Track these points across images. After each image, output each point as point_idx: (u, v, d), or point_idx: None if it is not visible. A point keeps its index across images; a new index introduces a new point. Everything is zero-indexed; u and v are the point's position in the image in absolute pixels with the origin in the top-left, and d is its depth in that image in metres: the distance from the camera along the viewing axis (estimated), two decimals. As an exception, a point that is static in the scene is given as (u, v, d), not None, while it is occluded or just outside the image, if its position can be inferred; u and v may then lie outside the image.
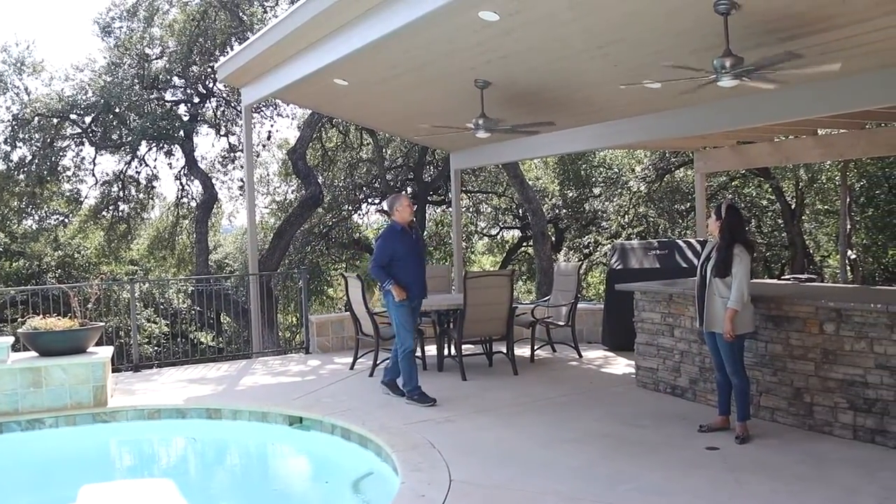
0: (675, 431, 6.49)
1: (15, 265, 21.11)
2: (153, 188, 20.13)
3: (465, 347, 9.02)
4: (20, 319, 9.00)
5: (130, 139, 17.63)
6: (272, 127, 37.26)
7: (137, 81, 17.42)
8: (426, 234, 22.14)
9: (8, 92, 17.46)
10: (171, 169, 19.92)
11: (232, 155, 20.15)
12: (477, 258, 27.74)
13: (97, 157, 18.90)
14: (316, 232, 21.68)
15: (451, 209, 16.73)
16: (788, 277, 13.96)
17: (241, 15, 17.62)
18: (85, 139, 18.28)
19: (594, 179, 22.15)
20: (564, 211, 22.53)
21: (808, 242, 21.08)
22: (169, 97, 18.83)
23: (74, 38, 77.89)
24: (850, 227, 17.87)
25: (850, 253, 17.92)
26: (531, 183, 21.04)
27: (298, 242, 20.75)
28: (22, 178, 17.88)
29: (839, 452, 5.77)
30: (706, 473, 5.42)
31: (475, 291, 8.62)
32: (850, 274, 17.90)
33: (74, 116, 17.76)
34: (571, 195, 22.26)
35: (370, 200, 22.86)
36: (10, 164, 17.54)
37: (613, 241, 19.01)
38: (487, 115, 8.72)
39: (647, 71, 7.19)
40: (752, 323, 6.31)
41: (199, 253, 18.91)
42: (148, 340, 20.47)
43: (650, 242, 11.09)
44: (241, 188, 20.47)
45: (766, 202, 21.34)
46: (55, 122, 17.59)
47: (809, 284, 10.20)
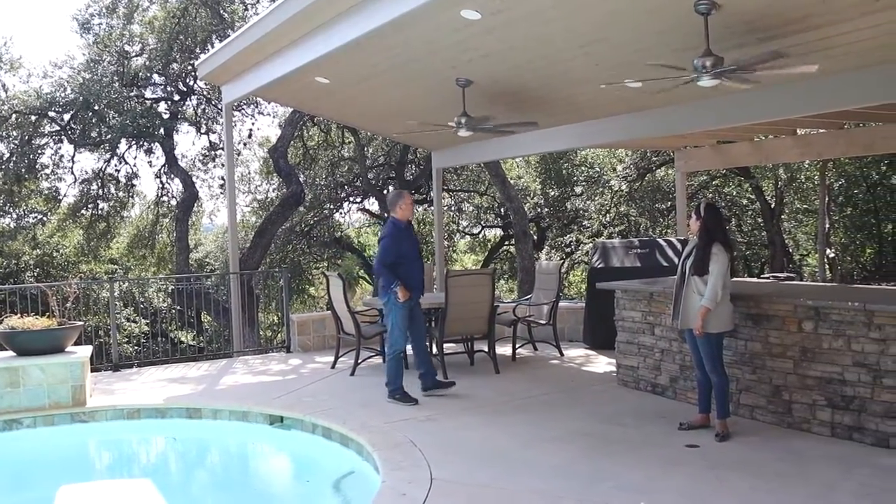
0: (655, 429, 6.52)
1: (-8, 264, 20.91)
2: (133, 186, 20.02)
3: (446, 346, 9.03)
4: (-3, 319, 8.90)
5: (110, 137, 17.50)
6: (253, 125, 37.18)
7: (117, 79, 17.30)
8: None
9: (-15, 89, 17.33)
10: (151, 167, 19.85)
11: (213, 153, 20.04)
12: (459, 257, 27.76)
13: (76, 154, 18.81)
14: (297, 230, 21.62)
15: (432, 208, 16.74)
16: (768, 276, 14.06)
17: (221, 12, 17.53)
18: (64, 137, 18.14)
19: (576, 178, 22.22)
20: (546, 210, 22.59)
21: (787, 241, 21.25)
22: (149, 95, 18.72)
23: (53, 34, 77.20)
24: (828, 226, 18.04)
25: (828, 252, 18.09)
26: (513, 182, 21.08)
27: (280, 241, 20.69)
28: (-1, 175, 17.73)
29: (817, 449, 5.82)
30: (686, 471, 5.45)
31: (457, 290, 8.62)
32: (828, 273, 18.07)
33: (53, 114, 17.61)
34: (553, 194, 22.31)
35: (351, 199, 22.84)
36: (-13, 161, 17.39)
37: (595, 239, 19.08)
38: (469, 113, 8.71)
39: (628, 70, 7.20)
40: (731, 321, 6.35)
41: (179, 252, 18.81)
42: (128, 340, 20.32)
43: (631, 241, 11.13)
44: (221, 186, 20.39)
45: (746, 201, 21.50)
46: (33, 119, 17.43)
47: (788, 283, 10.26)
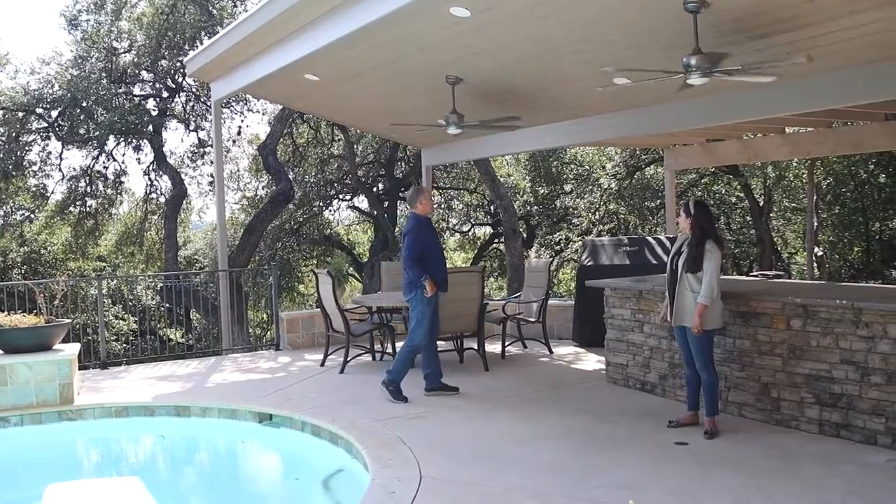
0: (644, 427, 6.53)
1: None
2: (121, 183, 19.94)
3: (435, 344, 9.00)
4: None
5: (98, 134, 17.41)
6: (242, 122, 36.93)
7: (105, 75, 17.21)
8: (398, 230, 22.10)
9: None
10: (139, 164, 19.76)
11: (201, 150, 19.96)
12: (448, 255, 27.75)
13: (64, 151, 18.68)
14: (287, 228, 21.57)
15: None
16: (756, 274, 14.10)
17: (210, 9, 17.46)
18: (51, 133, 18.03)
19: (565, 176, 22.24)
20: (536, 208, 22.61)
21: (775, 239, 21.34)
22: (137, 91, 18.62)
23: (40, 30, 76.78)
24: (816, 224, 18.11)
25: (816, 250, 18.16)
26: (503, 180, 21.09)
27: (269, 239, 20.64)
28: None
29: (805, 447, 5.84)
30: (675, 468, 5.46)
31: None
32: (816, 270, 18.15)
33: (40, 110, 17.51)
34: (543, 192, 22.33)
35: (341, 197, 22.79)
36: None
37: (584, 237, 19.12)
38: (459, 111, 8.71)
39: (618, 69, 7.21)
40: (721, 319, 6.37)
41: (168, 249, 18.74)
42: (116, 337, 20.25)
43: (620, 239, 11.15)
44: (210, 184, 20.31)
45: (734, 199, 21.57)
46: (20, 115, 17.33)
47: (777, 281, 10.31)
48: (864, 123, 10.16)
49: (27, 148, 17.98)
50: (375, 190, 21.77)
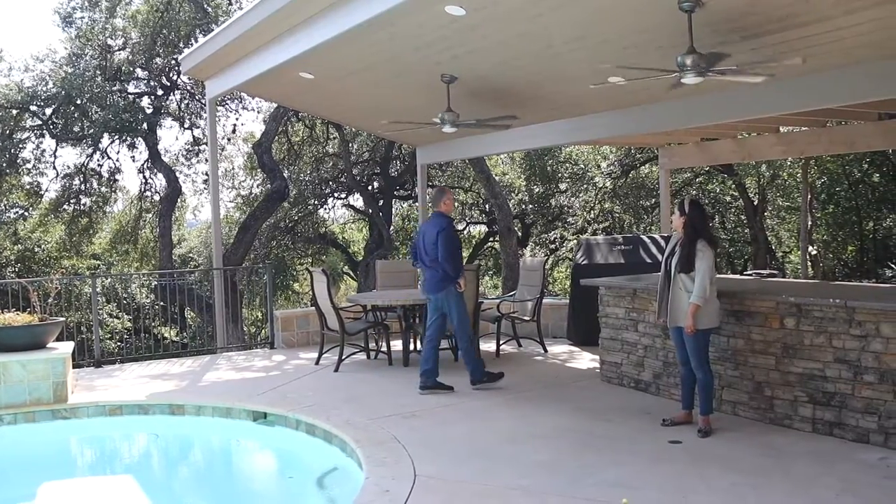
0: (638, 425, 6.54)
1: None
2: (116, 181, 19.88)
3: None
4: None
5: (92, 131, 17.37)
6: (237, 120, 37.06)
7: (99, 73, 17.16)
8: (393, 229, 22.11)
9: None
10: (134, 162, 19.75)
11: (196, 148, 19.93)
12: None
13: (58, 149, 18.63)
14: (281, 226, 21.53)
15: (417, 204, 16.73)
16: (751, 273, 14.12)
17: (205, 6, 17.42)
18: (45, 131, 17.98)
19: (560, 175, 22.25)
20: (531, 206, 22.61)
21: (770, 238, 21.38)
22: (132, 89, 18.58)
23: (34, 27, 76.56)
24: (810, 223, 18.15)
25: (810, 249, 18.21)
26: (497, 178, 21.09)
27: (264, 237, 20.60)
28: (-21, 170, 17.56)
29: (799, 445, 5.86)
30: (669, 467, 5.47)
31: (441, 286, 8.60)
32: (810, 270, 18.19)
33: (34, 108, 17.45)
34: (538, 191, 22.34)
35: (336, 195, 22.76)
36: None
37: (579, 236, 19.14)
38: (454, 109, 8.72)
39: (613, 68, 7.22)
40: (717, 318, 6.37)
41: (162, 247, 18.70)
42: (110, 336, 20.22)
43: (615, 238, 11.16)
44: (205, 182, 20.27)
45: (729, 198, 21.61)
46: (14, 113, 17.27)
47: (771, 280, 10.32)
48: (857, 123, 10.19)
49: (21, 146, 17.92)
50: (370, 188, 21.75)
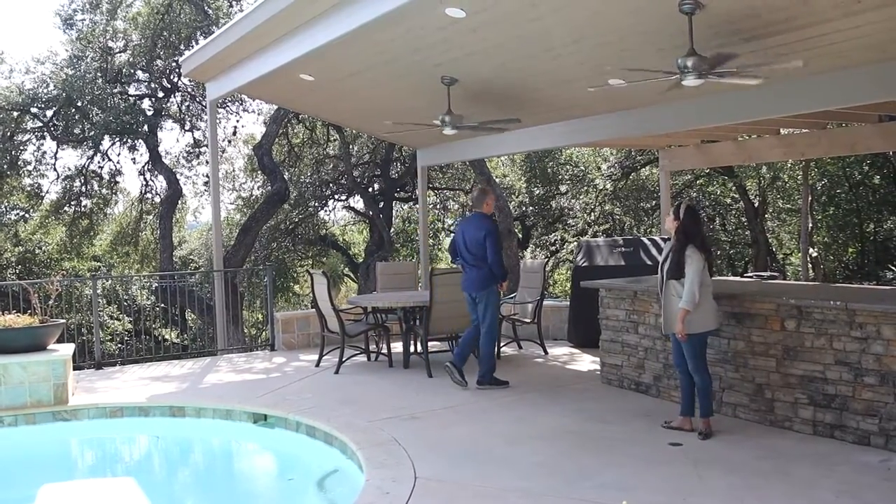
0: (638, 427, 6.54)
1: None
2: (116, 183, 19.88)
3: (431, 344, 9.01)
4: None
5: (93, 133, 17.36)
6: (238, 122, 37.11)
7: (100, 75, 17.17)
8: (393, 231, 22.10)
9: (-35, 84, 17.16)
10: (134, 164, 19.80)
11: (197, 150, 19.92)
12: (444, 255, 27.72)
13: (59, 151, 18.64)
14: (282, 228, 21.53)
15: (417, 206, 16.72)
16: (751, 275, 14.13)
17: (206, 9, 17.43)
18: (46, 133, 17.99)
19: (561, 177, 22.25)
20: (531, 208, 22.61)
21: (770, 240, 21.36)
22: (133, 91, 18.58)
23: (35, 30, 76.65)
24: (811, 225, 18.14)
25: (811, 251, 18.19)
26: (498, 180, 21.08)
27: (264, 239, 20.60)
28: (-20, 172, 17.56)
29: (799, 447, 5.86)
30: (669, 469, 5.47)
31: (441, 288, 8.62)
32: (811, 272, 18.17)
33: (35, 110, 17.46)
34: (538, 192, 22.33)
35: (336, 197, 22.76)
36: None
37: (579, 238, 19.13)
38: (454, 111, 8.72)
39: (613, 70, 7.23)
40: (714, 320, 6.36)
41: (163, 249, 18.70)
42: (111, 338, 20.22)
43: (615, 240, 11.16)
44: (206, 184, 20.26)
45: (729, 200, 21.59)
46: (15, 115, 17.27)
47: (772, 282, 10.33)
48: (858, 125, 10.18)
49: (22, 147, 17.94)
50: (371, 190, 21.74)
